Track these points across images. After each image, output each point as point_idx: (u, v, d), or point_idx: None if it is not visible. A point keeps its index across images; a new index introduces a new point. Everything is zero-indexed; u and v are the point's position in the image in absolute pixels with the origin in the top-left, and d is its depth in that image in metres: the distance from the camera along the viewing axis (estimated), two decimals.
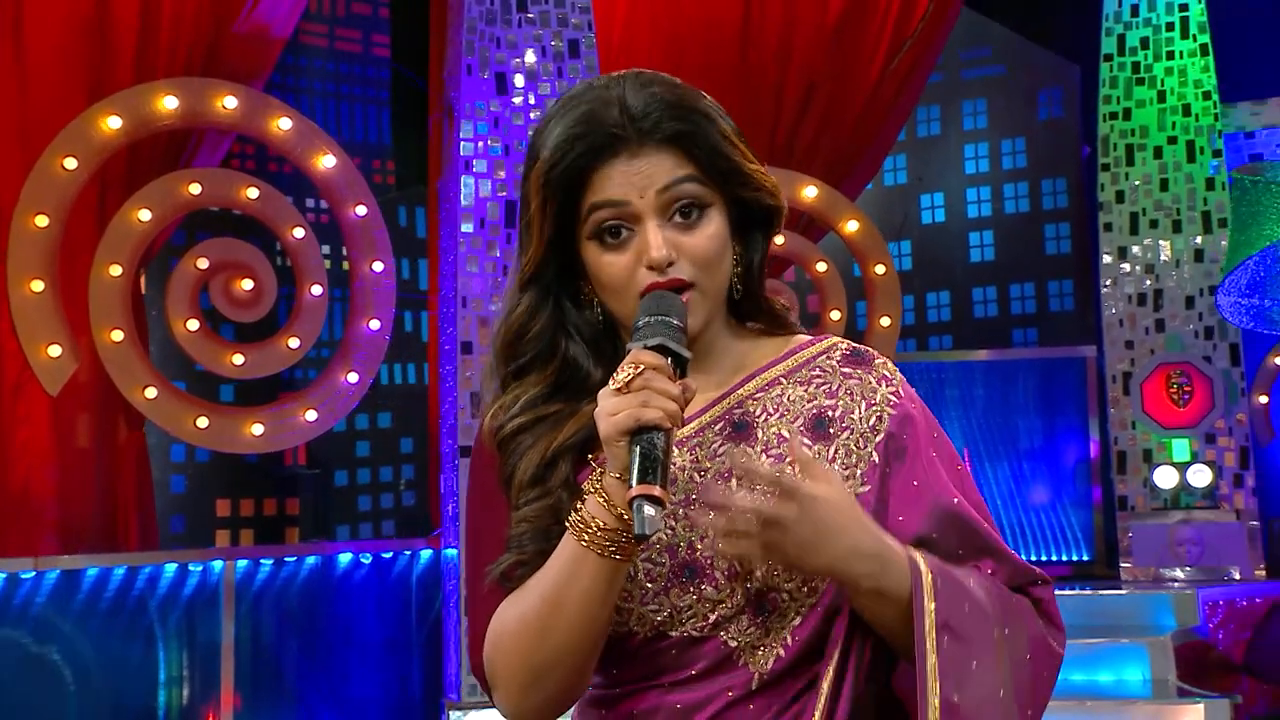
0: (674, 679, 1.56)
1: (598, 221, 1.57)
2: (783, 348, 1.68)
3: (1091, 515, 7.47)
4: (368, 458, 7.57)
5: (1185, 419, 6.84)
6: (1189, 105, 7.14)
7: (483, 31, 5.24)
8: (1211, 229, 6.93)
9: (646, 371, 1.43)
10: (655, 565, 1.56)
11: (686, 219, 1.56)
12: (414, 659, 5.60)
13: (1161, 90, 7.18)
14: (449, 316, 5.27)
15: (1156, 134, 7.14)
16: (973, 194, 8.66)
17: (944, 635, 1.48)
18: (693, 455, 1.60)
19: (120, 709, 4.95)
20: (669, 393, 1.43)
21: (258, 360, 5.20)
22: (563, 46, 5.31)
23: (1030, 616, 1.59)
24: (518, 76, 5.25)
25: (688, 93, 1.59)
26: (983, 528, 1.61)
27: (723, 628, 1.55)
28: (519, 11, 5.28)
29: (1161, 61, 7.20)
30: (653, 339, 1.47)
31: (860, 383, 1.64)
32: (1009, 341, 8.44)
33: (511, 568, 1.56)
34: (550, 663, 1.52)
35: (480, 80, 5.22)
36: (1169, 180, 7.08)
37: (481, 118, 5.19)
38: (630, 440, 1.42)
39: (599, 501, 1.47)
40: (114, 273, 4.91)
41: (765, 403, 1.62)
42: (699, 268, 1.56)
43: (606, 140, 1.55)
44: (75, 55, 5.16)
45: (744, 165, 1.59)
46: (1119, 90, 7.23)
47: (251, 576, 5.18)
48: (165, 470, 6.66)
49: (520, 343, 1.63)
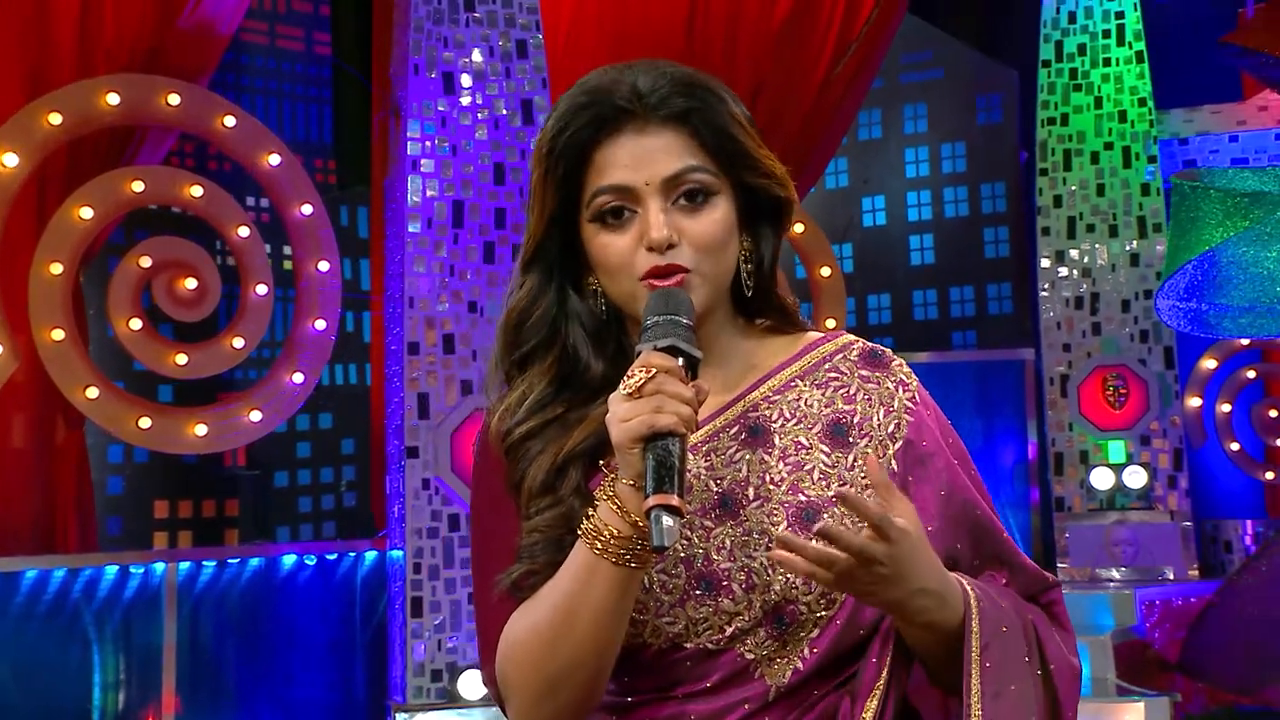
0: (689, 690, 1.53)
1: (600, 205, 1.53)
2: (794, 346, 1.64)
3: (1030, 516, 7.57)
4: (308, 459, 7.51)
5: (1121, 421, 6.95)
6: (1125, 112, 7.24)
7: (430, 31, 5.21)
8: (1147, 234, 7.04)
9: (659, 375, 1.40)
10: (671, 577, 1.52)
11: (692, 202, 1.53)
12: (358, 661, 5.56)
13: (1098, 97, 7.28)
14: (395, 317, 5.24)
15: (1093, 140, 7.24)
16: (913, 197, 8.75)
17: (985, 660, 1.46)
18: (707, 461, 1.56)
19: (58, 712, 4.88)
20: (683, 396, 1.39)
21: (201, 360, 5.15)
22: (510, 46, 5.29)
23: (1048, 633, 1.56)
24: (465, 76, 5.23)
25: (700, 74, 1.55)
26: (1001, 536, 1.60)
27: (739, 640, 1.52)
28: (466, 11, 5.26)
29: (1098, 68, 7.30)
30: (663, 340, 1.43)
31: (878, 386, 1.61)
32: (949, 344, 8.53)
33: (523, 577, 1.52)
34: (563, 673, 1.48)
35: (427, 80, 5.19)
36: (1105, 185, 7.18)
37: (429, 117, 5.17)
38: (644, 447, 1.39)
39: (612, 509, 1.43)
40: (54, 271, 4.84)
41: (781, 406, 1.59)
42: (701, 253, 1.52)
43: (612, 113, 1.52)
44: (13, 49, 5.07)
45: (752, 149, 1.56)
46: (1057, 96, 7.32)
47: (194, 578, 5.13)
48: (103, 471, 6.57)
49: (523, 329, 1.59)
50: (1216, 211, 4.70)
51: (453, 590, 5.03)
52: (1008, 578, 1.59)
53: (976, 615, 1.47)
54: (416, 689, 5.01)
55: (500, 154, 5.21)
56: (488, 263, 5.16)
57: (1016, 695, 1.47)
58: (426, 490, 5.04)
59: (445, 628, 5.02)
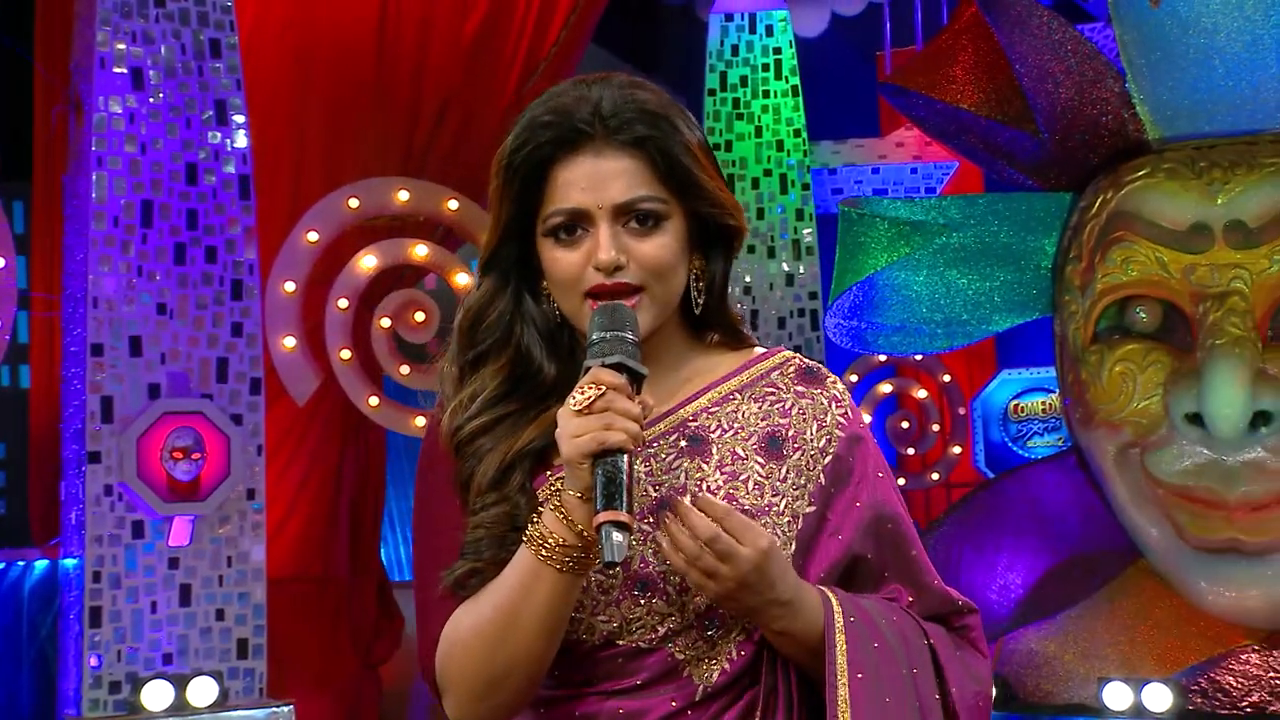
0: (619, 686, 1.58)
1: (554, 223, 1.59)
2: (737, 361, 1.71)
3: None
4: None
5: None
6: (782, 141, 7.71)
7: (118, 25, 5.07)
8: (801, 256, 7.53)
9: (609, 393, 1.46)
10: (608, 577, 1.57)
11: (642, 226, 1.58)
12: (24, 673, 5.33)
13: (759, 126, 7.72)
14: (77, 318, 5.06)
15: (754, 166, 7.68)
16: None
17: (855, 672, 1.54)
18: (647, 467, 1.61)
19: None
20: (631, 414, 1.46)
21: None
22: (203, 44, 5.20)
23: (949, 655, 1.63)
24: (154, 73, 5.11)
25: (663, 102, 1.61)
26: (913, 555, 1.68)
27: (671, 640, 1.58)
28: (157, 7, 5.14)
29: (759, 99, 7.75)
30: (611, 356, 1.49)
31: (813, 403, 1.69)
32: None
33: (466, 575, 1.57)
34: (504, 673, 1.54)
35: (114, 75, 5.05)
36: (765, 209, 7.63)
37: (116, 113, 5.02)
38: (593, 462, 1.45)
39: (558, 518, 1.50)
40: None
41: (720, 418, 1.65)
42: (649, 273, 1.58)
43: (572, 134, 1.57)
44: None
45: (703, 181, 1.61)
46: (721, 124, 7.72)
47: None
48: None
49: (478, 329, 1.64)
50: (881, 238, 5.13)
51: (134, 599, 4.90)
52: (914, 596, 1.67)
53: (841, 628, 1.55)
54: (93, 701, 4.86)
55: (193, 154, 5.12)
56: (179, 264, 5.06)
57: (894, 709, 1.55)
58: (109, 496, 4.89)
59: (126, 637, 4.89)
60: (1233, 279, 4.92)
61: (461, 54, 5.98)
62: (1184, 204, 5.02)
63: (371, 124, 6.04)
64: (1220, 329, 4.88)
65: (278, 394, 5.63)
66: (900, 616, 1.63)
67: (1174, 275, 4.99)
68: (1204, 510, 4.94)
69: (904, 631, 1.61)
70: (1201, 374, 4.85)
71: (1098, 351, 5.13)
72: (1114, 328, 5.14)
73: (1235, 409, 4.77)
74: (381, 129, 6.03)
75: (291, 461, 6.05)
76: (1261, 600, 4.98)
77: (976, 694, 1.63)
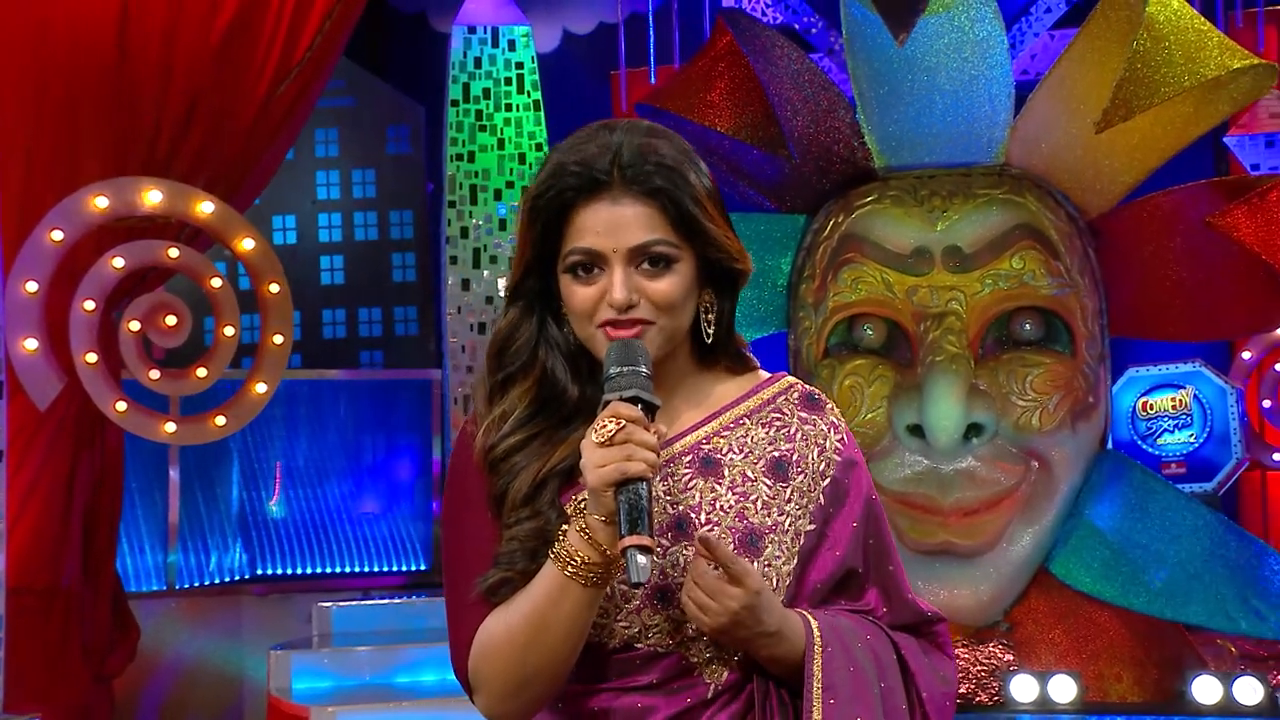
0: (635, 684, 1.76)
1: (573, 261, 1.75)
2: (745, 386, 1.88)
3: (431, 527, 7.99)
4: None
5: None
6: (524, 154, 7.86)
7: None
8: None
9: (628, 425, 1.63)
10: (631, 589, 1.74)
11: (654, 267, 1.75)
12: None
13: (501, 138, 7.86)
14: None
15: (497, 178, 7.81)
16: (324, 219, 8.96)
17: (828, 697, 1.74)
18: (665, 485, 1.79)
19: None
20: (649, 444, 1.63)
21: None
22: None
23: (919, 662, 1.84)
24: None
25: (677, 154, 1.78)
26: (890, 568, 1.88)
27: (686, 645, 1.76)
28: None
29: (501, 112, 7.89)
30: (628, 390, 1.66)
31: (814, 429, 1.87)
32: (357, 362, 8.81)
33: (498, 584, 1.74)
34: (533, 674, 1.71)
35: None
36: (507, 220, 7.77)
37: None
38: (616, 490, 1.62)
39: (583, 538, 1.67)
40: None
41: (731, 441, 1.83)
42: (660, 310, 1.75)
43: (592, 184, 1.73)
44: None
45: (711, 230, 1.78)
46: (464, 134, 7.83)
47: None
48: None
49: (506, 354, 1.82)
50: None
51: None
52: (888, 607, 1.87)
53: (819, 660, 1.75)
54: None
55: None
56: None
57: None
58: None
59: None
60: (950, 300, 5.29)
61: (210, 54, 5.88)
62: (907, 229, 5.38)
63: (111, 121, 5.88)
64: (938, 346, 5.23)
65: (14, 393, 5.42)
66: (874, 634, 1.83)
67: (898, 295, 5.33)
68: (922, 515, 5.27)
69: (875, 648, 1.81)
70: (922, 388, 5.18)
71: (829, 366, 5.42)
72: (843, 344, 5.44)
73: (952, 421, 5.12)
74: (123, 126, 5.88)
75: (20, 466, 5.82)
76: (970, 599, 5.33)
77: (944, 694, 1.86)
